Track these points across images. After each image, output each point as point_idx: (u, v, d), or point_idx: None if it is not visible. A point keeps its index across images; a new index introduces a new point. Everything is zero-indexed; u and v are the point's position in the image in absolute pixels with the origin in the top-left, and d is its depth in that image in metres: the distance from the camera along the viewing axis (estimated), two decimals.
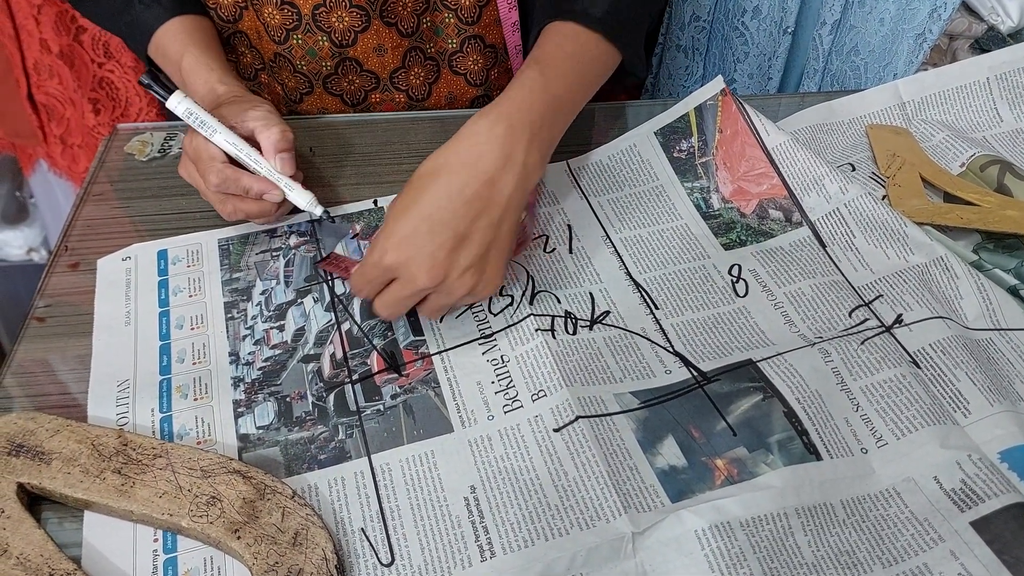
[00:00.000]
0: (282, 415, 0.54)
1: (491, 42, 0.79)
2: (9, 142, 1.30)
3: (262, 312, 0.61)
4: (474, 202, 0.54)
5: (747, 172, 0.68)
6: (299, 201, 0.63)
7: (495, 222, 0.54)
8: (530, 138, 0.56)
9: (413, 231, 0.53)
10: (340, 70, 0.78)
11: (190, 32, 0.71)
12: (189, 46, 0.70)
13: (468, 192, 0.54)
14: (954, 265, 0.61)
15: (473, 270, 0.54)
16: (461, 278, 0.54)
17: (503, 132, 0.55)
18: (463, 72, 0.81)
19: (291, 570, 0.45)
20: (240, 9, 0.74)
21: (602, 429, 0.52)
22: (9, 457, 0.49)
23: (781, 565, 0.46)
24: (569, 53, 0.62)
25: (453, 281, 0.54)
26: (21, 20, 1.13)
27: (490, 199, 0.54)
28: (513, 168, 0.55)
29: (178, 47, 0.69)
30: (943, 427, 0.51)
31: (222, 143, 0.61)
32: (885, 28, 1.07)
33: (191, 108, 0.61)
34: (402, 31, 0.76)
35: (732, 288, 0.62)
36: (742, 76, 1.21)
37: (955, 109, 0.77)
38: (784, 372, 0.55)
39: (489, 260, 0.55)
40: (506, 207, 0.55)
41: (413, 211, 0.54)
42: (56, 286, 0.63)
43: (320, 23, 0.74)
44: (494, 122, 0.55)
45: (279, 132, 0.63)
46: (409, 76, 0.79)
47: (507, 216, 0.55)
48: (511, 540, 0.48)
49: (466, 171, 0.54)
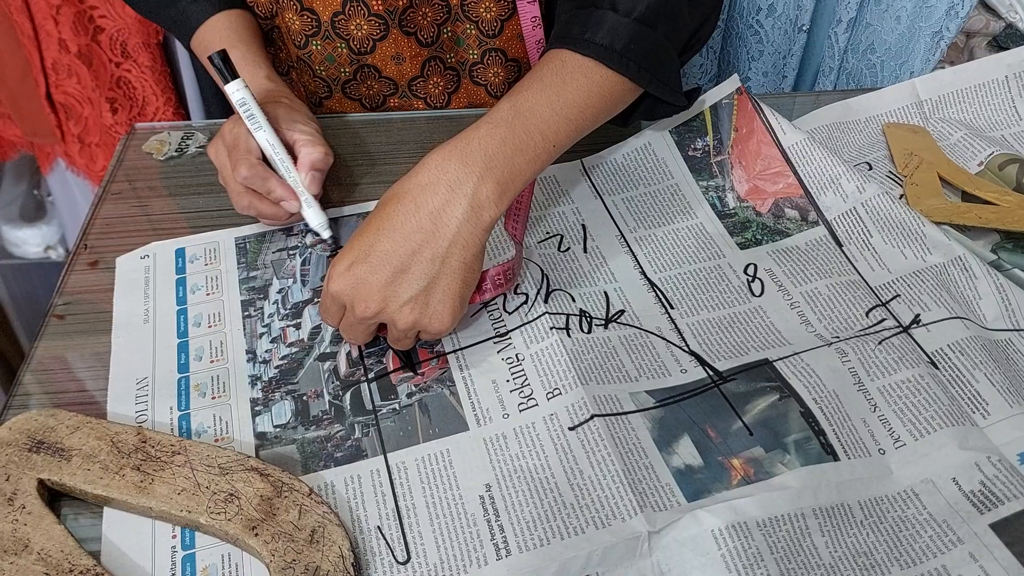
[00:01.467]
0: (299, 414, 0.55)
1: (513, 56, 0.78)
2: (27, 141, 1.32)
3: (279, 310, 0.61)
4: (415, 235, 0.52)
5: (763, 171, 0.68)
6: (312, 219, 0.64)
7: (439, 256, 0.52)
8: (482, 172, 0.53)
9: (357, 259, 0.53)
10: (359, 76, 0.78)
11: (236, 28, 0.72)
12: (236, 42, 0.70)
13: (411, 224, 0.52)
14: (972, 265, 0.60)
15: (413, 304, 0.53)
16: (400, 311, 0.53)
17: (454, 166, 0.53)
18: (484, 83, 0.80)
19: (308, 567, 0.45)
20: (275, 5, 0.75)
21: (618, 428, 0.52)
22: (30, 453, 0.50)
23: (799, 566, 0.46)
24: (557, 83, 0.58)
25: (393, 313, 0.53)
26: (40, 20, 1.14)
27: (434, 232, 0.52)
28: (460, 201, 0.53)
29: (223, 43, 0.69)
30: (962, 428, 0.51)
31: (262, 141, 0.62)
32: (902, 26, 1.07)
33: (246, 98, 0.62)
34: (421, 40, 0.75)
35: (748, 287, 0.62)
36: (757, 74, 1.21)
37: (973, 107, 0.77)
38: (801, 372, 0.55)
39: (433, 294, 0.53)
40: (452, 241, 0.53)
41: (361, 239, 0.53)
42: (75, 284, 0.63)
43: (339, 30, 0.74)
44: (447, 155, 0.54)
45: (322, 152, 0.64)
46: (428, 85, 0.79)
47: (454, 251, 0.53)
48: (527, 539, 0.48)
49: (412, 203, 0.53)
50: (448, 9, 0.74)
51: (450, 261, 0.53)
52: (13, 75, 1.21)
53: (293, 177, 0.63)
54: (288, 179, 0.63)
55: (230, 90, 0.62)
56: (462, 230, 0.53)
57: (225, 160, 0.64)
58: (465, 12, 0.74)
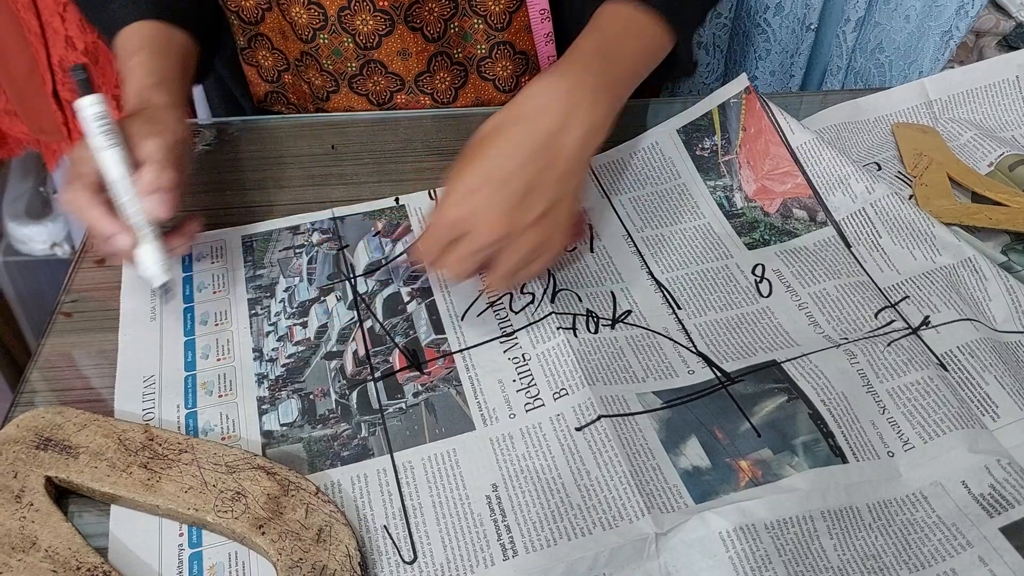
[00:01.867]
0: (306, 412, 0.55)
1: (521, 48, 0.78)
2: (34, 138, 1.32)
3: (285, 309, 0.61)
4: (539, 155, 0.52)
5: (771, 171, 0.68)
6: (143, 260, 0.55)
7: (561, 177, 0.53)
8: (594, 97, 0.54)
9: (478, 185, 0.52)
10: (365, 71, 0.78)
11: (153, 37, 0.66)
12: (142, 49, 0.64)
13: (533, 145, 0.52)
14: (982, 266, 0.60)
15: (540, 225, 0.53)
16: (526, 234, 0.52)
17: (566, 88, 0.54)
18: (491, 78, 0.80)
19: (315, 566, 0.45)
20: (263, 11, 0.75)
21: (625, 429, 0.52)
22: (37, 451, 0.50)
23: (807, 568, 0.46)
24: (622, 30, 0.61)
25: (519, 236, 0.52)
26: (47, 18, 1.14)
27: (556, 153, 0.52)
28: (577, 124, 0.53)
29: (133, 48, 0.64)
30: (971, 431, 0.51)
31: (105, 161, 0.54)
32: (911, 25, 1.06)
33: (101, 113, 0.54)
34: (428, 36, 0.75)
35: (756, 288, 0.62)
36: (764, 73, 1.20)
37: (983, 108, 0.76)
38: (809, 373, 0.55)
39: (558, 216, 0.53)
40: (573, 163, 0.53)
41: (476, 167, 0.52)
42: (82, 281, 0.64)
43: (345, 25, 0.74)
44: (558, 79, 0.54)
45: (157, 170, 0.54)
46: (434, 80, 0.79)
47: (574, 173, 0.53)
48: (533, 539, 0.47)
49: (529, 126, 0.53)
50: (455, 4, 0.74)
51: (571, 182, 0.54)
52: (20, 72, 1.21)
53: (136, 208, 0.54)
54: (130, 209, 0.54)
55: (81, 105, 0.54)
56: (580, 152, 0.54)
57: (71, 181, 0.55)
58: (472, 7, 0.74)
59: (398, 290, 0.62)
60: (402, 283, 0.62)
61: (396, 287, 0.62)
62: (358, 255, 0.65)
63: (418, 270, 0.63)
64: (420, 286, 0.62)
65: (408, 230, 0.67)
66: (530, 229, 0.52)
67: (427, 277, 0.63)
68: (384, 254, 0.65)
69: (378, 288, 0.62)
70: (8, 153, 1.37)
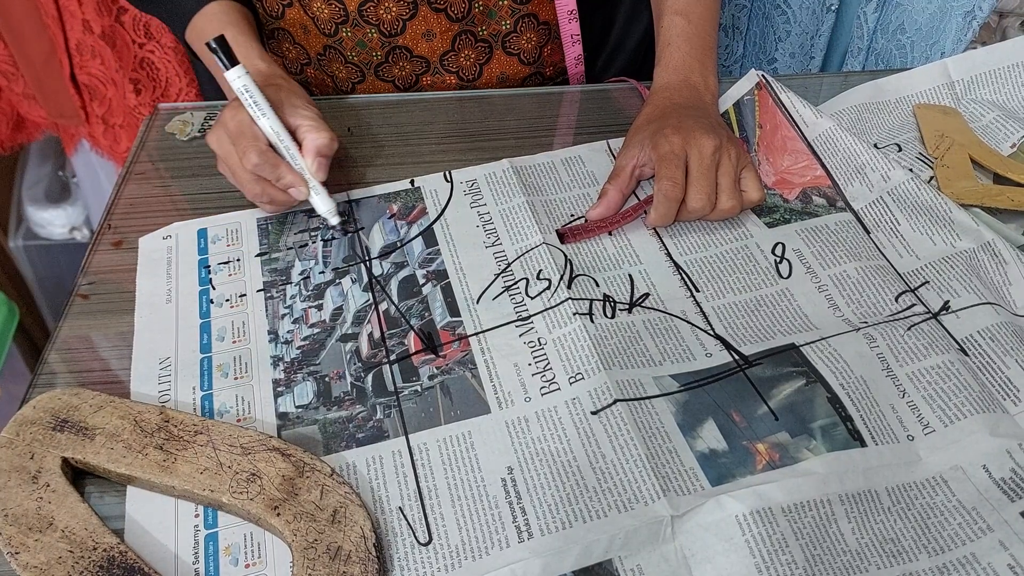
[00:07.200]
0: (321, 395, 0.55)
1: (544, 19, 0.79)
2: (52, 122, 1.32)
3: (300, 292, 0.61)
4: (697, 106, 0.68)
5: (791, 165, 0.68)
6: (320, 206, 0.64)
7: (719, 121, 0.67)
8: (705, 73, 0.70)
9: (674, 128, 0.63)
10: (391, 58, 0.78)
11: (229, 13, 0.71)
12: (228, 25, 0.70)
13: (686, 104, 0.67)
14: (1002, 251, 0.59)
15: (730, 140, 0.64)
16: (732, 140, 0.64)
17: (694, 74, 0.69)
18: (516, 52, 0.80)
19: (330, 547, 0.45)
20: (283, 6, 0.75)
21: (641, 412, 0.52)
22: (54, 432, 0.50)
23: (824, 552, 0.45)
24: (698, 8, 0.72)
25: (726, 140, 0.62)
26: (64, 2, 1.14)
27: (710, 106, 0.69)
28: (705, 93, 0.69)
29: (216, 26, 0.69)
30: (992, 415, 0.50)
31: (267, 128, 0.61)
32: (933, 5, 1.04)
33: (248, 85, 0.61)
34: (452, 16, 0.75)
35: (775, 269, 0.61)
36: (783, 55, 1.19)
37: (1006, 88, 0.75)
38: (828, 357, 0.54)
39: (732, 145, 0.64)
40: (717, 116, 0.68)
41: (662, 118, 0.65)
42: (99, 264, 0.64)
43: (367, 17, 0.74)
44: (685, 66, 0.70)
45: (328, 138, 0.63)
46: (459, 58, 0.79)
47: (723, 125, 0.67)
48: (549, 522, 0.47)
49: (681, 95, 0.69)
50: None
51: None
52: (38, 56, 1.22)
53: (299, 164, 0.63)
54: (295, 166, 0.63)
55: (231, 77, 0.61)
56: (713, 110, 0.69)
57: (229, 148, 0.62)
58: None
59: (413, 272, 0.62)
60: (418, 266, 0.62)
61: (411, 270, 0.62)
62: (373, 237, 0.65)
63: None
64: (435, 268, 0.62)
65: (423, 212, 0.66)
66: (729, 142, 0.63)
67: (441, 259, 0.63)
68: (399, 236, 0.65)
69: (393, 270, 0.62)
70: (27, 137, 1.37)
